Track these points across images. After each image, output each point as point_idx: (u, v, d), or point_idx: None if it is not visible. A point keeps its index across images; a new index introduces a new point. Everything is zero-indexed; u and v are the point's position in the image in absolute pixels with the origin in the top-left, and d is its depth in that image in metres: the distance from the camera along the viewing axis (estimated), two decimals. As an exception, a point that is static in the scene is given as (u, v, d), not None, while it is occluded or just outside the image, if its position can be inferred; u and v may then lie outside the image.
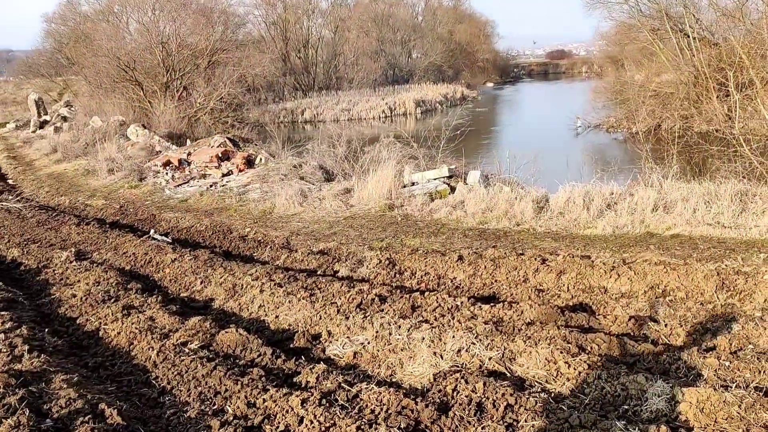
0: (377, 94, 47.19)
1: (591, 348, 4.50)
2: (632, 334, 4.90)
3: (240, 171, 13.65)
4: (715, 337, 4.67)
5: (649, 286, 5.92)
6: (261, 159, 14.15)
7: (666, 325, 4.96)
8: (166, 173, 13.97)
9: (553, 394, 4.00)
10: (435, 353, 4.69)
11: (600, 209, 8.79)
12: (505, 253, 7.23)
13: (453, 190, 10.66)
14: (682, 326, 4.91)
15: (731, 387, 3.83)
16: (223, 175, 13.54)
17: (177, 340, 5.26)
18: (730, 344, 4.57)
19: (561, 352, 4.34)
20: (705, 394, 3.69)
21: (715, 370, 4.10)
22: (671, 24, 29.01)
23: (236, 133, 23.92)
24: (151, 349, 5.12)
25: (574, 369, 4.17)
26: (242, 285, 6.69)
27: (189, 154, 14.93)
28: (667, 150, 11.96)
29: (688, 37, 27.64)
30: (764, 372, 4.02)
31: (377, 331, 5.16)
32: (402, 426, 3.71)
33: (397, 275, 7.11)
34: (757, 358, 4.18)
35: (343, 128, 28.44)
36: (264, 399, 4.16)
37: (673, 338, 4.79)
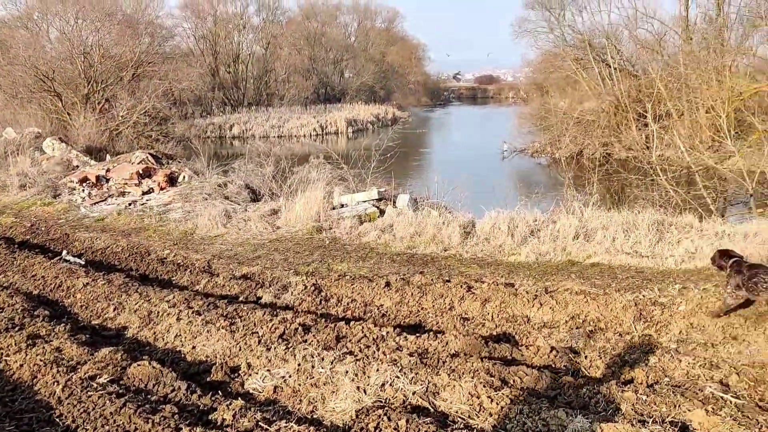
0: (308, 112, 47.07)
1: (514, 381, 4.50)
2: (553, 366, 4.94)
3: (162, 189, 13.20)
4: (633, 369, 4.75)
5: (570, 316, 6.01)
6: (184, 177, 13.74)
7: (586, 357, 5.02)
8: (83, 190, 13.35)
9: (475, 431, 3.95)
10: (359, 387, 4.57)
11: (524, 236, 8.93)
12: (432, 279, 7.21)
13: (382, 213, 10.63)
14: (601, 358, 4.98)
15: (648, 422, 3.89)
16: (144, 193, 13.06)
17: (85, 373, 4.94)
18: (647, 377, 4.66)
19: (484, 386, 4.31)
20: (623, 430, 3.73)
21: (633, 404, 4.16)
22: (594, 54, 30.31)
23: (160, 148, 23.22)
24: (56, 383, 4.79)
25: (497, 404, 4.14)
26: (158, 312, 6.38)
27: (108, 170, 14.34)
28: (588, 177, 12.35)
29: (610, 67, 28.92)
30: (679, 406, 4.10)
31: (299, 364, 5.00)
32: (321, 468, 3.57)
33: (323, 302, 6.97)
34: (673, 392, 4.27)
35: (273, 145, 28.12)
36: (176, 439, 3.94)
37: (593, 370, 4.85)
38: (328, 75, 59.48)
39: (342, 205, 11.03)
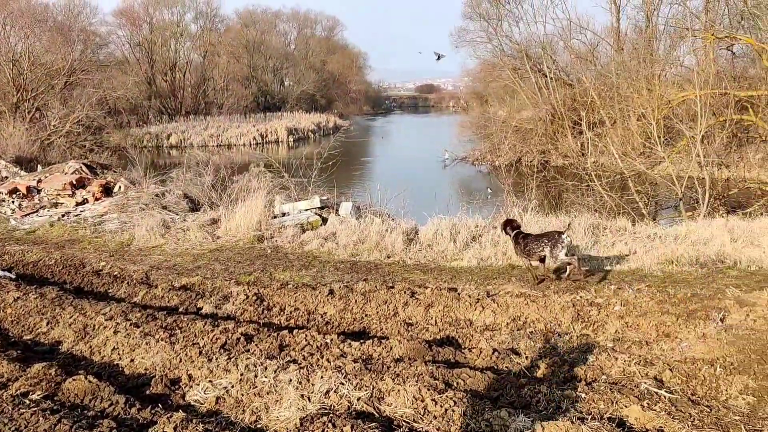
0: (248, 121, 46.54)
1: (457, 384, 4.54)
2: (496, 367, 5.01)
3: (96, 199, 12.79)
4: (572, 368, 4.86)
5: (512, 318, 6.11)
6: (120, 187, 13.36)
7: (527, 358, 5.12)
8: (13, 201, 12.81)
9: (420, 434, 3.97)
10: (303, 395, 4.53)
11: (466, 241, 9.05)
12: (375, 286, 7.21)
13: (325, 221, 10.59)
14: (541, 358, 5.08)
15: (587, 419, 3.98)
16: (78, 204, 12.63)
17: (16, 390, 4.73)
18: (586, 375, 4.78)
19: (428, 390, 4.33)
20: (563, 427, 3.81)
21: (573, 402, 4.26)
22: (530, 64, 31.04)
23: (95, 158, 22.53)
24: (-16, 402, 4.56)
25: (441, 406, 4.16)
26: (94, 325, 6.17)
27: (39, 180, 13.82)
28: (527, 184, 12.62)
29: (546, 76, 29.64)
30: (616, 403, 4.22)
31: (242, 374, 4.91)
32: (265, 478, 3.51)
33: (266, 311, 6.88)
34: (610, 389, 4.39)
35: (212, 154, 27.67)
36: (114, 455, 3.81)
37: (534, 370, 4.94)
38: (267, 83, 59.03)
39: (284, 214, 10.93)
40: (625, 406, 4.22)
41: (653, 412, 4.19)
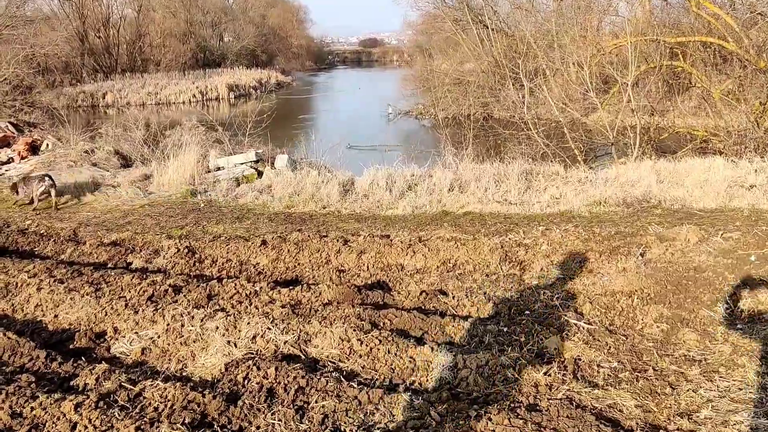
0: (187, 78, 45.10)
1: (383, 324, 4.59)
2: (423, 307, 5.08)
3: (22, 158, 12.27)
4: (496, 306, 4.97)
5: (442, 261, 6.19)
6: (48, 144, 12.84)
7: (454, 297, 5.20)
8: (-71, 163, 12.19)
9: (345, 373, 4.01)
10: (229, 342, 4.51)
11: (402, 191, 9.08)
12: (309, 236, 7.19)
13: (260, 174, 10.45)
14: (468, 297, 5.18)
15: (507, 350, 4.10)
16: (2, 163, 12.10)
17: (-72, 350, 4.56)
18: (510, 311, 4.90)
19: (354, 330, 4.37)
20: (484, 358, 3.91)
21: (495, 336, 4.37)
22: (472, 15, 30.86)
23: (23, 117, 21.57)
24: None
25: (366, 345, 4.21)
26: (17, 283, 5.97)
27: (-41, 140, 13.15)
28: (464, 135, 12.69)
29: (487, 28, 29.55)
30: (537, 334, 4.36)
31: (169, 324, 4.86)
32: (187, 421, 3.50)
33: (197, 264, 6.77)
34: (532, 323, 4.52)
35: (151, 113, 26.82)
36: (32, 407, 3.72)
37: (460, 309, 5.03)
38: (206, 39, 57.06)
39: (218, 168, 10.73)
40: (545, 338, 4.36)
41: (572, 342, 4.34)
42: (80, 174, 10.31)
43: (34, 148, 12.80)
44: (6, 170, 11.71)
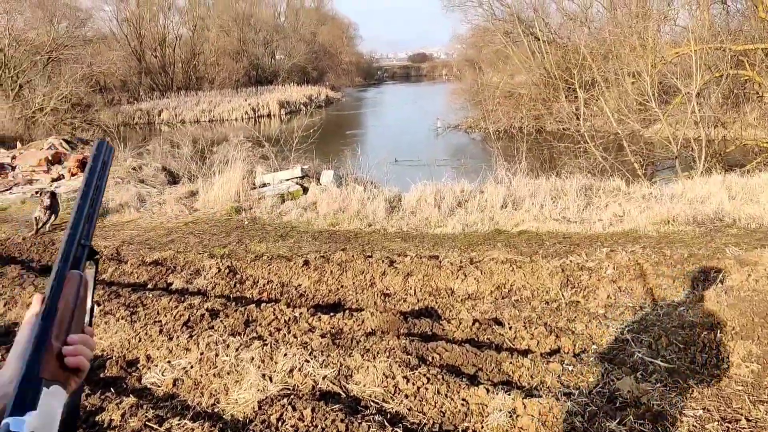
0: (240, 95, 45.71)
1: (432, 359, 4.16)
2: (476, 339, 4.62)
3: (73, 175, 12.34)
4: (559, 338, 4.47)
5: (496, 286, 5.71)
6: (98, 162, 12.87)
7: (510, 328, 4.72)
8: (-15, 179, 12.37)
9: (389, 416, 3.59)
10: (264, 375, 4.15)
11: (451, 207, 8.64)
12: (353, 256, 6.81)
13: (306, 190, 10.16)
14: (526, 328, 4.68)
15: (574, 394, 3.60)
16: (53, 180, 12.18)
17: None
18: (574, 346, 4.39)
19: (400, 366, 3.95)
20: (547, 405, 3.43)
21: (559, 376, 3.87)
22: (523, 27, 30.27)
23: (81, 135, 22.05)
24: None
25: (413, 384, 3.79)
26: (52, 306, 5.77)
27: (14, 157, 13.35)
28: (517, 147, 12.16)
29: (539, 40, 28.90)
30: (608, 375, 3.84)
31: (203, 353, 4.54)
32: (212, 469, 3.15)
33: (238, 285, 6.48)
34: (600, 360, 4.01)
35: (205, 130, 27.11)
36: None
37: (518, 342, 4.55)
38: (258, 57, 57.89)
39: (264, 185, 10.50)
40: (617, 378, 3.84)
41: (648, 383, 3.81)
42: (127, 191, 10.22)
43: (84, 165, 12.86)
44: (56, 187, 11.76)
